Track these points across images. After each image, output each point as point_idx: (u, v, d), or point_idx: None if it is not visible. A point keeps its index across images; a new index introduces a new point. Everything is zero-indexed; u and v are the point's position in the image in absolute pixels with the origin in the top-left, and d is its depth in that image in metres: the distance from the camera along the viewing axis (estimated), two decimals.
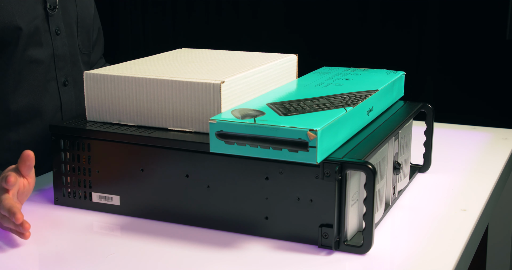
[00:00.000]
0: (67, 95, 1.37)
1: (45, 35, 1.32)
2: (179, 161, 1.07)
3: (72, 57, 1.38)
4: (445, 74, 2.87)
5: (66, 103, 1.37)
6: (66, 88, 1.37)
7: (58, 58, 1.35)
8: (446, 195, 1.23)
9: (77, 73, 1.40)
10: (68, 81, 1.36)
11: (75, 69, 1.39)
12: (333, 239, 0.99)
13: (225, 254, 1.00)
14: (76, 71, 1.40)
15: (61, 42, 1.35)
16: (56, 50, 1.34)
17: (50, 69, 1.33)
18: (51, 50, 1.33)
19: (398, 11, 2.90)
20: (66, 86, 1.36)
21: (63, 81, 1.36)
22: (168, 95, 1.11)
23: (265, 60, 1.25)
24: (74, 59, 1.39)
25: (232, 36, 3.23)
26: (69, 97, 1.38)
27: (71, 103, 1.38)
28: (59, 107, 1.36)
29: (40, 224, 1.10)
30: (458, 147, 1.53)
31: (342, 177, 0.98)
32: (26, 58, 1.29)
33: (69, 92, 1.38)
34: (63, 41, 1.35)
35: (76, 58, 1.40)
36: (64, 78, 1.36)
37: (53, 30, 1.33)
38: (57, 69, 1.34)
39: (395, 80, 1.28)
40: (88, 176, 1.14)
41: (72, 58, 1.39)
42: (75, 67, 1.39)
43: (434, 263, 0.97)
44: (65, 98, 1.37)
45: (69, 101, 1.38)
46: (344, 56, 2.99)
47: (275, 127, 0.95)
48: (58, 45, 1.34)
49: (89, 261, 0.98)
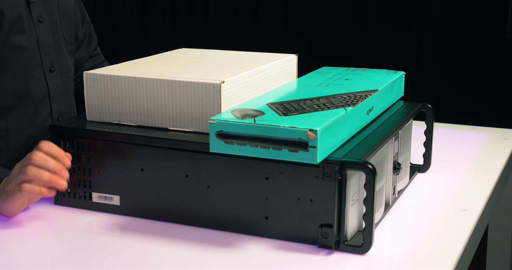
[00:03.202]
0: (54, 81, 1.38)
1: (28, 22, 1.33)
2: (179, 161, 1.07)
3: (56, 43, 1.40)
4: (445, 74, 2.87)
5: (53, 89, 1.38)
6: (52, 74, 1.37)
7: (43, 45, 1.36)
8: (446, 195, 1.23)
9: (62, 59, 1.41)
10: (54, 68, 1.37)
11: (59, 55, 1.40)
12: (333, 239, 0.99)
13: (225, 254, 1.00)
14: (61, 58, 1.41)
15: (44, 29, 1.36)
16: (39, 36, 1.35)
17: (35, 56, 1.34)
18: (35, 37, 1.34)
19: (398, 11, 2.90)
20: (52, 72, 1.37)
21: (49, 67, 1.37)
22: (168, 95, 1.11)
23: (265, 60, 1.25)
24: (58, 46, 1.40)
25: (232, 36, 3.23)
26: (56, 83, 1.39)
27: (58, 90, 1.39)
28: (46, 93, 1.36)
29: (40, 224, 1.10)
30: (458, 147, 1.53)
31: (342, 177, 0.98)
32: (10, 44, 1.30)
33: (55, 78, 1.38)
34: (45, 28, 1.37)
35: (60, 45, 1.41)
36: (49, 65, 1.37)
37: (35, 18, 1.34)
38: (42, 56, 1.35)
39: (395, 80, 1.28)
40: (88, 176, 1.14)
41: (56, 44, 1.40)
42: (59, 54, 1.40)
43: (434, 263, 0.97)
44: (52, 84, 1.38)
45: (56, 87, 1.38)
46: (344, 56, 2.99)
47: (275, 127, 0.95)
48: (41, 32, 1.36)
49: (89, 261, 0.98)
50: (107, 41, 3.49)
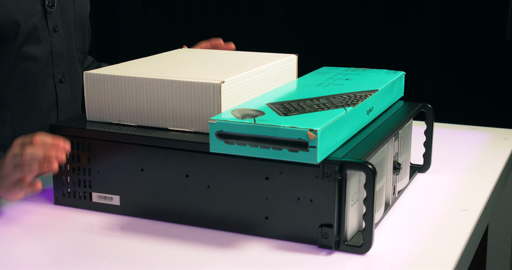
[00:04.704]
0: (63, 92, 1.38)
1: (43, 32, 1.32)
2: (179, 161, 1.07)
3: (68, 54, 1.39)
4: (445, 74, 2.87)
5: (62, 100, 1.37)
6: (62, 85, 1.37)
7: (55, 55, 1.35)
8: (446, 195, 1.23)
9: (73, 70, 1.40)
10: (64, 78, 1.37)
11: (71, 66, 1.40)
12: (333, 239, 0.99)
13: (225, 254, 1.00)
14: (73, 69, 1.40)
15: (58, 39, 1.35)
16: (53, 47, 1.34)
17: (47, 66, 1.34)
18: (49, 47, 1.33)
19: (398, 11, 2.90)
20: (62, 83, 1.37)
21: (59, 78, 1.36)
22: (168, 95, 1.11)
23: (265, 60, 1.25)
24: (71, 56, 1.40)
25: (232, 36, 3.22)
26: (65, 94, 1.38)
27: (66, 100, 1.38)
28: (55, 104, 1.36)
29: (40, 224, 1.10)
30: (458, 147, 1.53)
31: (342, 177, 0.98)
32: (23, 54, 1.29)
33: (65, 89, 1.38)
34: (60, 38, 1.36)
35: (73, 56, 1.40)
36: (60, 75, 1.36)
37: (51, 27, 1.33)
38: (54, 66, 1.35)
39: (395, 80, 1.28)
40: (88, 176, 1.14)
41: (69, 55, 1.39)
42: (71, 65, 1.40)
43: (434, 263, 0.97)
44: (61, 95, 1.37)
45: (65, 98, 1.38)
46: (344, 56, 2.99)
47: (275, 127, 0.95)
48: (56, 42, 1.35)
49: (89, 261, 0.98)
50: (107, 41, 3.49)
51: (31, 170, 1.02)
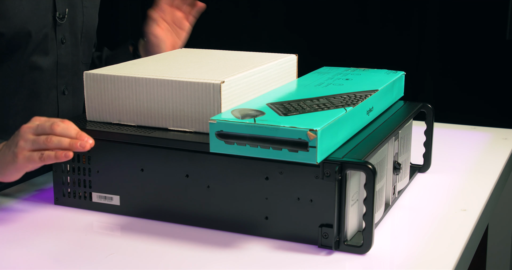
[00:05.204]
0: (65, 104, 1.38)
1: (51, 43, 1.33)
2: (179, 161, 1.07)
3: (73, 66, 1.39)
4: (445, 74, 2.87)
5: (63, 111, 1.38)
6: (64, 96, 1.38)
7: (61, 67, 1.36)
8: (446, 195, 1.23)
9: (76, 82, 1.41)
10: (67, 90, 1.37)
11: (75, 78, 1.40)
12: (333, 239, 0.99)
13: (225, 254, 1.00)
14: (76, 81, 1.41)
15: (65, 51, 1.36)
16: (59, 58, 1.35)
17: (52, 77, 1.35)
18: (56, 59, 1.34)
19: (398, 11, 2.90)
20: (65, 95, 1.37)
21: (62, 89, 1.37)
22: (168, 95, 1.11)
23: (265, 60, 1.25)
24: (76, 68, 1.40)
25: (232, 36, 3.23)
26: (67, 105, 1.39)
27: (68, 112, 1.39)
28: (56, 115, 1.36)
29: (40, 224, 1.10)
30: (458, 147, 1.53)
31: (342, 177, 0.98)
32: (31, 64, 1.30)
33: (67, 101, 1.39)
34: (67, 50, 1.37)
35: (78, 68, 1.41)
36: (64, 87, 1.37)
37: (59, 39, 1.34)
38: (58, 78, 1.36)
39: (395, 80, 1.28)
40: (88, 176, 1.14)
41: (74, 67, 1.40)
42: (75, 77, 1.40)
43: (434, 263, 0.97)
44: (63, 106, 1.38)
45: (67, 110, 1.39)
46: (344, 56, 2.99)
47: (275, 127, 0.95)
48: (62, 54, 1.36)
49: (89, 261, 0.98)
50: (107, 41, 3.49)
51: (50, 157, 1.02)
